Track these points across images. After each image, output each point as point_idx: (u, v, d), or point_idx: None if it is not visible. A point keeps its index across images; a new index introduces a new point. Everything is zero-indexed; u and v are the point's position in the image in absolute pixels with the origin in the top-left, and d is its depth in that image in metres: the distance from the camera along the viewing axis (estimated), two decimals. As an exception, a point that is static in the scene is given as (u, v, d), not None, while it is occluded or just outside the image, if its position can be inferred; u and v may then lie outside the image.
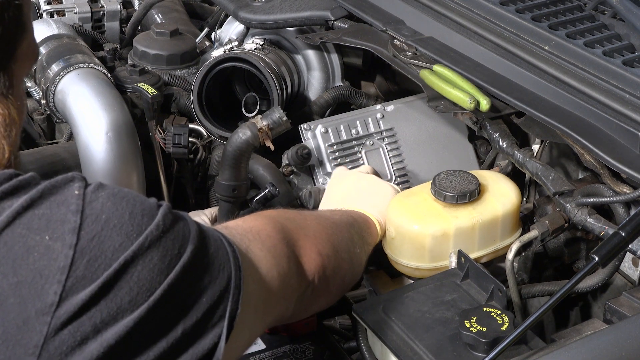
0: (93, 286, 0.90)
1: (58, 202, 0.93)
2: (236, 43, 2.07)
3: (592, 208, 1.51)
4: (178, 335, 0.95)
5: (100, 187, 0.96)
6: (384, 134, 1.89)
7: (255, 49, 1.99)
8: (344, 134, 1.86)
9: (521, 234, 1.57)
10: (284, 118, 1.67)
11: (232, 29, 2.19)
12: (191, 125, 1.96)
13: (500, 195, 1.58)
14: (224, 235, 1.06)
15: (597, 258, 1.25)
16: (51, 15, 2.35)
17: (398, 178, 1.87)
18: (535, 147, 1.80)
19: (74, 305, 0.89)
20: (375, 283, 1.65)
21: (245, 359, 1.37)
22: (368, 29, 1.92)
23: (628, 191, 1.47)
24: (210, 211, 1.79)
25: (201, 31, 2.35)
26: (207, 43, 2.33)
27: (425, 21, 1.85)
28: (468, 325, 1.25)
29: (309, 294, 1.26)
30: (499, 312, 1.27)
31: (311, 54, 2.07)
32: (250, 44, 2.02)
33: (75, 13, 2.38)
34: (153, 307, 0.92)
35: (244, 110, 1.99)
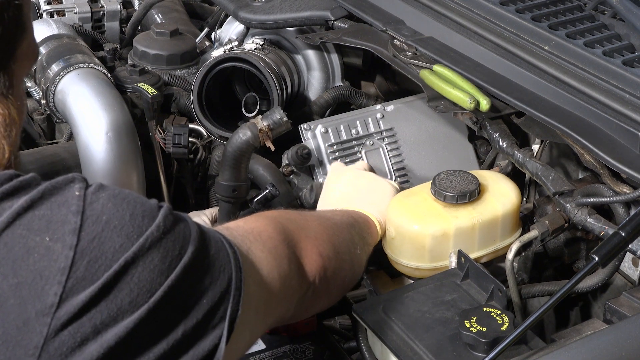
0: (93, 287, 0.90)
1: (59, 203, 0.93)
2: (236, 43, 2.07)
3: (592, 208, 1.51)
4: (178, 336, 0.95)
5: (100, 188, 0.96)
6: (384, 133, 1.89)
7: (255, 49, 1.99)
8: (344, 134, 1.86)
9: (521, 234, 1.57)
10: (285, 119, 1.66)
11: (232, 29, 2.19)
12: (191, 125, 1.96)
13: (500, 195, 1.58)
14: (225, 236, 1.05)
15: (597, 258, 1.25)
16: (51, 15, 2.35)
17: (398, 178, 1.87)
18: (535, 147, 1.79)
19: (74, 306, 0.89)
20: (375, 283, 1.65)
21: (245, 359, 1.37)
22: (368, 29, 1.92)
23: (628, 191, 1.47)
24: (211, 211, 1.79)
25: (201, 31, 2.35)
26: (207, 43, 2.33)
27: (425, 21, 1.85)
28: (468, 325, 1.25)
29: (310, 295, 1.26)
30: (499, 312, 1.27)
31: (311, 54, 2.07)
32: (250, 44, 2.02)
33: (75, 13, 2.38)
34: (153, 308, 0.92)
35: (244, 110, 1.99)
